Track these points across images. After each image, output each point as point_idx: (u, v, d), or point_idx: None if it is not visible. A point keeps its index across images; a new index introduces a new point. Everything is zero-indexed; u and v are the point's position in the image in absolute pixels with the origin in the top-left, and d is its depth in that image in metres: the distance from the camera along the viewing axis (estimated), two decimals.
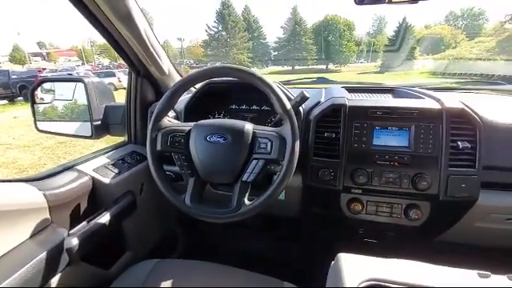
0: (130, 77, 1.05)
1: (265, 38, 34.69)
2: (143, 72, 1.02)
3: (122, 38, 0.83)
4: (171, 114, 1.05)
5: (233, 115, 1.14)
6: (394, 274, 0.55)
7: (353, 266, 0.57)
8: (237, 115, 1.14)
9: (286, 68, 35.81)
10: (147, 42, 0.85)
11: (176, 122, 0.91)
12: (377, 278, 0.54)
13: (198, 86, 1.07)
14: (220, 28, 30.95)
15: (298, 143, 0.70)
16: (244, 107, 1.14)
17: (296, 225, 1.28)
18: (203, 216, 0.73)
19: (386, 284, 0.53)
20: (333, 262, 0.59)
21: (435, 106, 0.85)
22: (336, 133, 0.88)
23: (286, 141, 0.70)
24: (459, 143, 0.81)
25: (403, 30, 30.56)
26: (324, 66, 35.55)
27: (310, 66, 34.64)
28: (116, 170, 0.96)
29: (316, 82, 1.44)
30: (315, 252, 1.26)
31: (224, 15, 29.88)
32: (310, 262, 1.27)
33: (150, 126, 0.77)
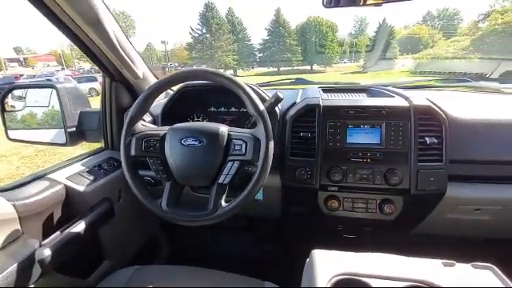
0: (104, 81, 1.04)
1: (249, 40, 34.81)
2: (117, 76, 1.01)
3: (91, 42, 0.82)
4: (148, 118, 1.04)
5: (212, 118, 1.15)
6: (365, 267, 0.57)
7: (326, 262, 0.59)
8: (216, 118, 1.14)
9: (271, 69, 36.04)
10: (117, 45, 0.84)
11: (152, 126, 0.90)
12: (349, 272, 0.56)
13: (174, 89, 1.06)
14: (204, 30, 30.80)
15: (271, 143, 0.71)
16: (223, 110, 1.15)
17: (278, 225, 1.29)
18: (179, 220, 0.72)
19: (357, 277, 0.55)
20: (308, 260, 0.61)
21: (404, 104, 0.89)
22: (311, 132, 0.90)
23: (260, 142, 0.71)
24: (427, 139, 0.84)
25: (383, 30, 31.50)
26: (309, 67, 36.03)
27: (296, 67, 35.01)
28: (91, 177, 0.94)
29: (295, 83, 1.46)
30: (297, 251, 1.28)
31: (208, 17, 29.76)
32: (292, 260, 1.29)
33: (123, 131, 0.76)
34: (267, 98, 0.87)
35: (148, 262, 1.05)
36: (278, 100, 0.83)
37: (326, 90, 1.18)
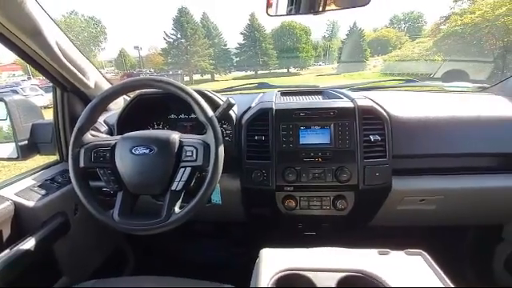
0: (54, 92, 1.01)
1: (226, 45, 34.86)
2: (69, 87, 0.99)
3: (34, 54, 0.80)
4: (103, 128, 1.03)
5: (172, 125, 1.15)
6: (307, 262, 0.61)
7: (271, 260, 0.62)
8: (176, 125, 1.14)
9: (249, 73, 36.27)
10: (61, 56, 0.82)
11: (105, 136, 0.89)
12: (291, 267, 0.59)
13: (129, 98, 1.05)
14: (179, 35, 30.41)
15: (221, 148, 0.73)
16: (183, 116, 1.15)
17: (245, 228, 1.31)
18: (131, 230, 0.72)
19: (299, 272, 0.58)
20: (257, 259, 0.63)
21: (349, 105, 0.95)
22: (265, 135, 0.94)
23: (210, 147, 0.73)
24: (371, 137, 0.91)
25: (354, 33, 32.86)
26: (285, 70, 36.66)
27: (273, 71, 35.47)
28: (43, 192, 0.91)
29: (257, 88, 1.50)
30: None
31: (182, 22, 29.44)
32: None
33: (71, 143, 0.75)
34: (221, 103, 0.89)
35: (113, 275, 1.02)
36: (229, 105, 0.85)
37: (284, 94, 1.23)
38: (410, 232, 1.34)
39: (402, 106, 1.02)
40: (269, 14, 0.82)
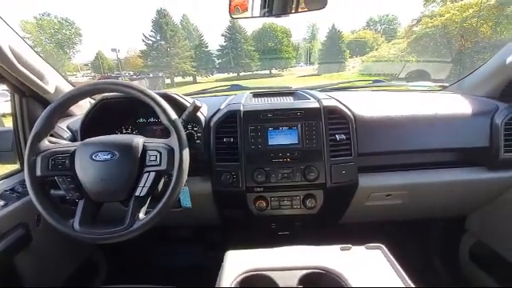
0: (12, 98, 0.96)
1: (207, 47, 34.49)
2: (28, 92, 0.95)
3: None
4: (66, 134, 0.99)
5: (141, 129, 1.13)
6: (271, 261, 0.61)
7: (236, 262, 0.62)
8: (146, 129, 1.12)
9: (232, 75, 36.17)
10: (13, 60, 0.78)
11: (65, 142, 0.86)
12: (255, 268, 0.59)
13: (93, 102, 1.02)
14: (158, 37, 29.78)
15: (186, 152, 0.73)
16: (152, 120, 1.13)
17: (221, 231, 1.31)
18: (92, 239, 0.70)
19: (261, 272, 0.59)
20: (222, 262, 0.63)
21: (315, 105, 0.97)
22: (234, 137, 0.94)
23: (175, 151, 0.73)
24: (337, 136, 0.93)
25: (333, 35, 33.69)
26: (268, 71, 36.91)
27: (255, 72, 35.59)
28: (2, 203, 0.86)
29: (231, 90, 1.50)
30: None
31: (161, 24, 28.86)
32: None
33: (26, 150, 0.72)
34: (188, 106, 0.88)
35: (84, 285, 0.99)
36: (195, 108, 0.85)
37: (256, 95, 1.24)
38: (380, 227, 1.39)
39: (367, 105, 1.06)
40: (232, 17, 0.83)
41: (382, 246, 0.65)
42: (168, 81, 29.80)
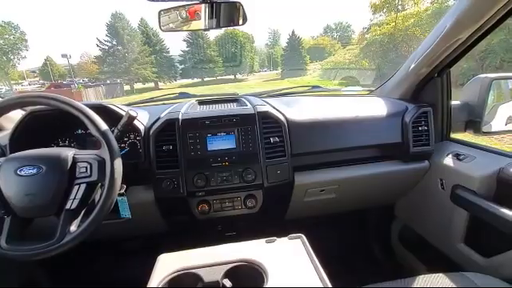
0: None
1: (168, 52, 33.55)
2: None
3: None
4: None
5: (80, 141, 1.10)
6: (200, 260, 0.65)
7: (167, 263, 0.65)
8: (84, 140, 1.10)
9: (196, 80, 35.66)
10: None
11: None
12: (182, 267, 0.63)
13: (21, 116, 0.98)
14: (114, 42, 28.22)
15: (118, 162, 0.74)
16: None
17: (171, 238, 1.31)
18: (21, 256, 0.69)
19: (189, 271, 0.63)
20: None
21: (251, 111, 1.04)
22: (173, 145, 0.97)
23: (106, 161, 0.74)
24: (271, 139, 1.01)
25: (294, 41, 35.08)
26: (232, 76, 37.08)
27: (220, 77, 35.50)
28: None
29: (178, 98, 1.52)
30: None
31: (117, 28, 27.45)
32: None
33: None
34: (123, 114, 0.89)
35: None
36: (130, 118, 0.86)
37: (202, 102, 1.28)
38: (325, 220, 1.51)
39: (301, 110, 1.16)
40: (162, 30, 0.87)
41: (301, 235, 0.73)
42: (127, 87, 28.39)
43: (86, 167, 0.73)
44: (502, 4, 0.76)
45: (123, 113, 1.00)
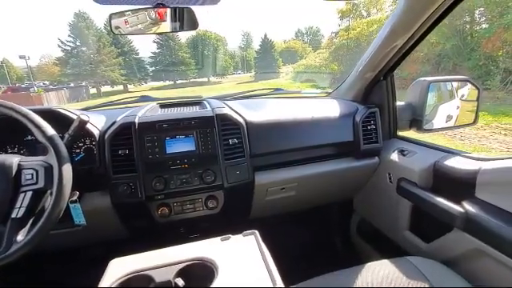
0: None
1: (138, 53, 32.42)
2: None
3: None
4: None
5: (30, 148, 1.04)
6: (153, 261, 0.66)
7: (117, 267, 0.65)
8: (34, 147, 1.05)
9: (168, 83, 34.79)
10: None
11: None
12: (134, 270, 0.63)
13: None
14: (78, 43, 26.67)
15: (66, 167, 0.72)
16: None
17: (131, 243, 1.29)
18: None
19: (141, 273, 0.63)
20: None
21: (209, 114, 1.06)
22: (129, 149, 0.96)
23: (53, 168, 0.72)
24: (230, 140, 1.04)
25: (266, 44, 35.62)
26: (206, 79, 36.70)
27: (192, 80, 34.97)
28: None
29: (139, 101, 1.49)
30: None
31: (81, 28, 26.02)
32: None
33: None
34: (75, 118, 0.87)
35: None
36: (82, 122, 0.85)
37: (163, 106, 1.27)
38: (289, 218, 1.57)
39: (261, 112, 1.20)
40: (113, 33, 0.86)
41: (255, 231, 0.76)
42: (93, 90, 26.93)
43: (32, 174, 0.71)
44: (427, 15, 0.87)
45: (74, 117, 0.97)
